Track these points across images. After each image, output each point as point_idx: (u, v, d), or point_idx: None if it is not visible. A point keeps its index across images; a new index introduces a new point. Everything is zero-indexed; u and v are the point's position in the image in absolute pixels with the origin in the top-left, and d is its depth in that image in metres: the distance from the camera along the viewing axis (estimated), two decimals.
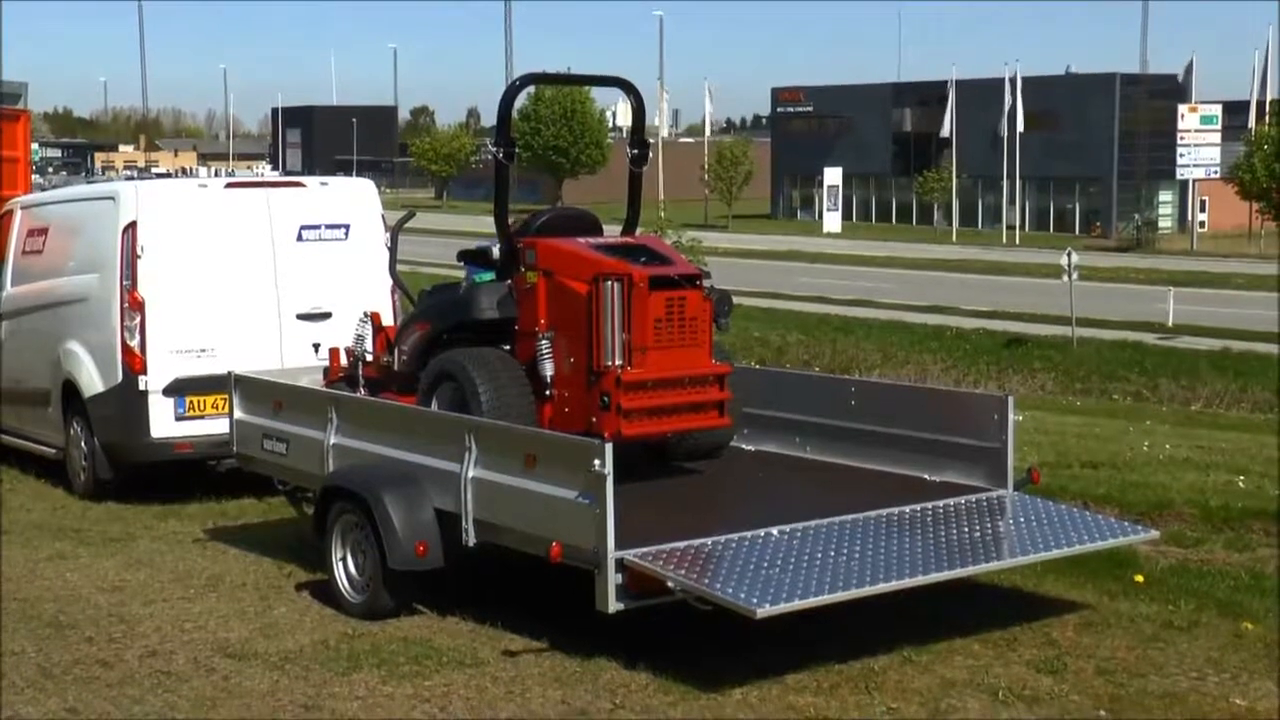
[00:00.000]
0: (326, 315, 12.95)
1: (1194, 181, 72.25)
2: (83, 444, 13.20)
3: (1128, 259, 63.46)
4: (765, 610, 7.05)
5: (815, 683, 7.51)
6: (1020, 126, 76.82)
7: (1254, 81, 74.24)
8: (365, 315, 10.88)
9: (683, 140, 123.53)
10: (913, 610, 8.42)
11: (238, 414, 11.14)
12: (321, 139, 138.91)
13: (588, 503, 7.56)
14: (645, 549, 7.60)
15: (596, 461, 7.46)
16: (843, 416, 9.98)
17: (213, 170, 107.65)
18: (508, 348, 9.54)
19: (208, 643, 8.53)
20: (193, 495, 12.84)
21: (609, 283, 8.82)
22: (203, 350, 12.66)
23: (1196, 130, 70.13)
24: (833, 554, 7.84)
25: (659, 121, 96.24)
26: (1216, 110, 71.62)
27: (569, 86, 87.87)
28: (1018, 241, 75.13)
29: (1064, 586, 9.25)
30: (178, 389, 12.61)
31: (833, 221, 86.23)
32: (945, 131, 79.76)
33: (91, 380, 12.94)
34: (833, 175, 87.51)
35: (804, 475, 9.81)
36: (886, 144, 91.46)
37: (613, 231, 10.12)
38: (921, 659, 7.86)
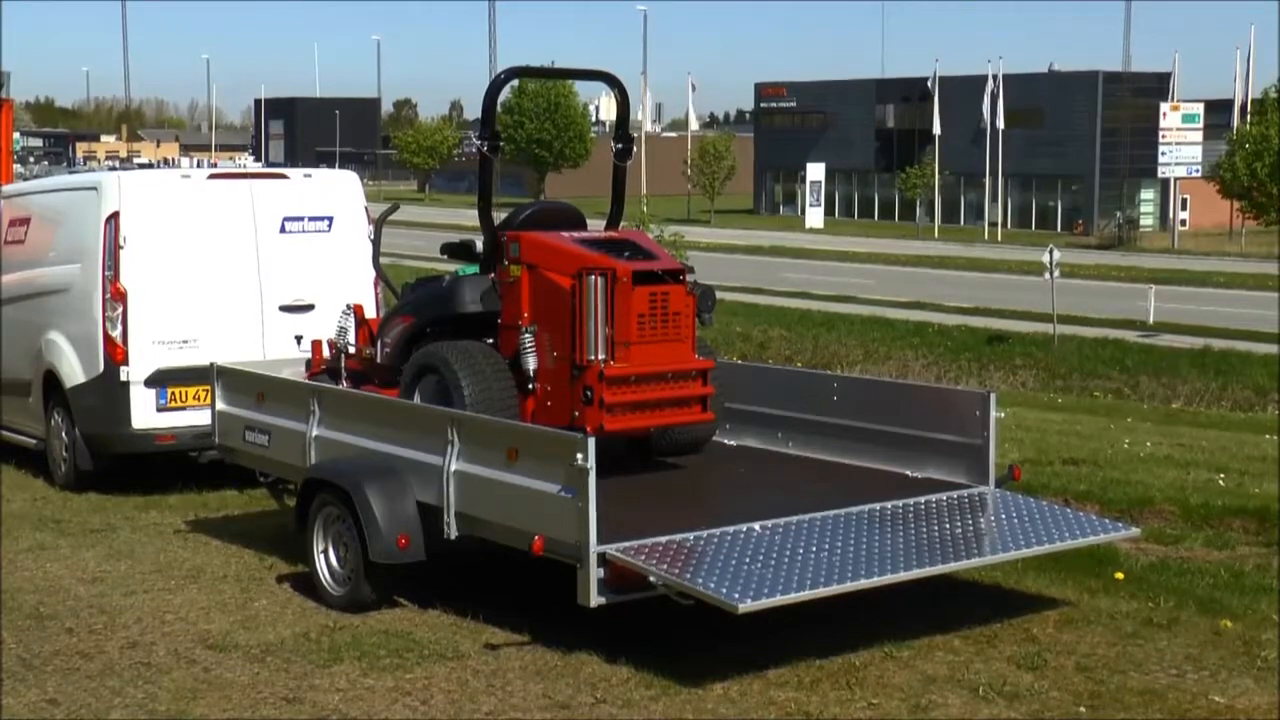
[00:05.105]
0: (309, 307, 12.93)
1: (1175, 180, 72.44)
2: (64, 435, 13.16)
3: (1109, 256, 63.64)
4: (747, 605, 7.06)
5: (796, 678, 7.53)
6: (1001, 123, 76.94)
7: (1236, 80, 74.45)
8: (348, 307, 10.87)
9: (666, 135, 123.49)
10: (894, 606, 8.45)
11: (220, 405, 11.14)
12: (304, 131, 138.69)
13: (570, 497, 7.57)
14: (627, 543, 7.61)
15: (579, 455, 7.46)
16: (825, 412, 10.00)
17: (195, 161, 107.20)
18: (491, 341, 9.54)
19: (188, 634, 8.53)
20: (174, 487, 12.82)
21: (592, 277, 8.83)
22: (185, 341, 12.64)
23: (1178, 129, 70.29)
24: (814, 549, 7.85)
25: (642, 116, 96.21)
26: (1198, 109, 71.81)
27: (553, 80, 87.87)
28: (999, 238, 75.31)
29: (1044, 583, 9.28)
30: (159, 380, 12.58)
31: (815, 217, 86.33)
32: (936, 129, 79.74)
33: (73, 371, 12.91)
34: (815, 171, 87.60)
35: (786, 470, 9.81)
36: (869, 140, 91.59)
37: (596, 226, 10.12)
38: (902, 654, 7.88)
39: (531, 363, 9.20)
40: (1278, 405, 27.12)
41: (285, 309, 12.95)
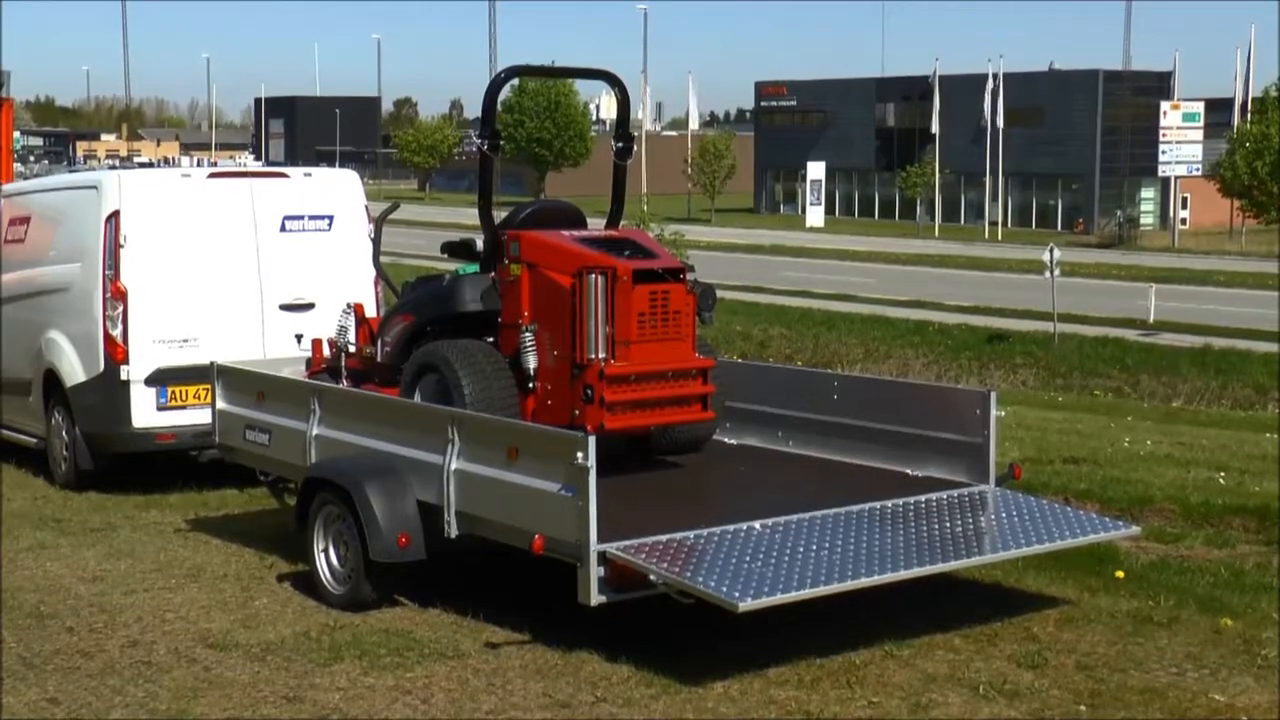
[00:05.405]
0: (309, 306, 12.93)
1: (1175, 179, 72.45)
2: (64, 434, 13.16)
3: (1109, 255, 63.64)
4: (747, 604, 7.06)
5: (796, 676, 7.53)
6: (1001, 122, 76.93)
7: (1236, 79, 74.45)
8: (348, 306, 10.87)
9: (666, 134, 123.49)
10: (894, 605, 8.45)
11: (220, 404, 11.14)
12: (304, 129, 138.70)
13: (570, 495, 7.57)
14: (627, 542, 7.61)
15: (579, 454, 7.46)
16: (825, 411, 10.00)
17: (195, 160, 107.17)
18: (491, 340, 9.54)
19: (189, 633, 8.53)
20: (174, 486, 12.82)
21: (593, 276, 8.83)
22: (185, 340, 12.64)
23: (1179, 127, 70.30)
24: (815, 548, 7.85)
25: (642, 115, 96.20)
26: (1199, 108, 71.82)
27: (553, 79, 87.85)
28: (1000, 237, 75.30)
29: (1045, 582, 9.28)
30: (160, 379, 12.58)
31: (815, 216, 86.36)
32: (934, 127, 79.79)
33: (73, 370, 12.91)
34: (816, 170, 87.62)
35: (786, 469, 9.82)
36: (869, 139, 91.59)
37: (596, 225, 10.12)
38: (903, 653, 7.88)
39: (532, 361, 9.19)
40: (1278, 404, 27.11)
41: (285, 308, 12.95)
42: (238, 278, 12.87)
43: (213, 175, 13.54)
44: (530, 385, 9.22)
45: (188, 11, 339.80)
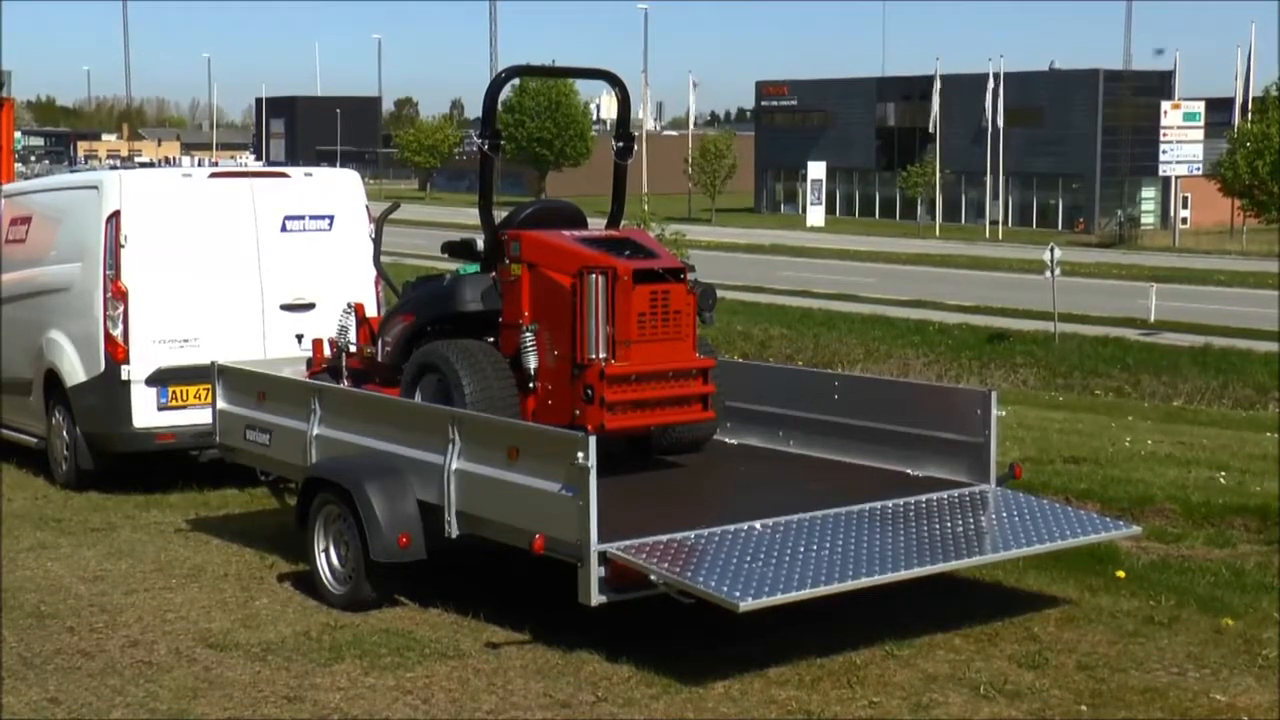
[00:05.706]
0: (310, 306, 12.93)
1: (1176, 178, 72.46)
2: (64, 433, 13.16)
3: (1110, 255, 63.64)
4: (748, 604, 7.06)
5: (797, 676, 7.53)
6: (1001, 122, 76.92)
7: (1236, 79, 74.44)
8: (349, 306, 10.87)
9: (666, 134, 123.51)
10: (895, 605, 8.45)
11: (221, 404, 11.14)
12: (305, 129, 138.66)
13: (571, 495, 7.57)
14: (628, 542, 7.61)
15: (579, 454, 7.46)
16: (826, 411, 10.00)
17: (196, 160, 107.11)
18: (492, 340, 9.54)
19: (189, 633, 8.53)
20: (175, 485, 12.82)
21: (593, 276, 8.82)
22: (186, 340, 12.64)
23: (1179, 127, 70.31)
24: (815, 548, 7.85)
25: (643, 115, 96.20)
26: (1199, 107, 71.82)
27: (554, 79, 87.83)
28: (1000, 237, 75.29)
29: (1045, 581, 9.28)
30: (160, 379, 12.58)
31: (816, 215, 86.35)
32: (934, 127, 79.82)
33: (74, 369, 12.91)
34: (816, 169, 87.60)
35: (787, 469, 9.81)
36: (870, 138, 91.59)
37: (596, 225, 10.12)
38: (903, 653, 7.88)
39: (532, 361, 9.19)
40: (1278, 403, 27.11)
41: (286, 308, 12.95)
42: (238, 278, 12.87)
43: (213, 175, 13.53)
44: (530, 385, 9.22)
45: (188, 11, 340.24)
